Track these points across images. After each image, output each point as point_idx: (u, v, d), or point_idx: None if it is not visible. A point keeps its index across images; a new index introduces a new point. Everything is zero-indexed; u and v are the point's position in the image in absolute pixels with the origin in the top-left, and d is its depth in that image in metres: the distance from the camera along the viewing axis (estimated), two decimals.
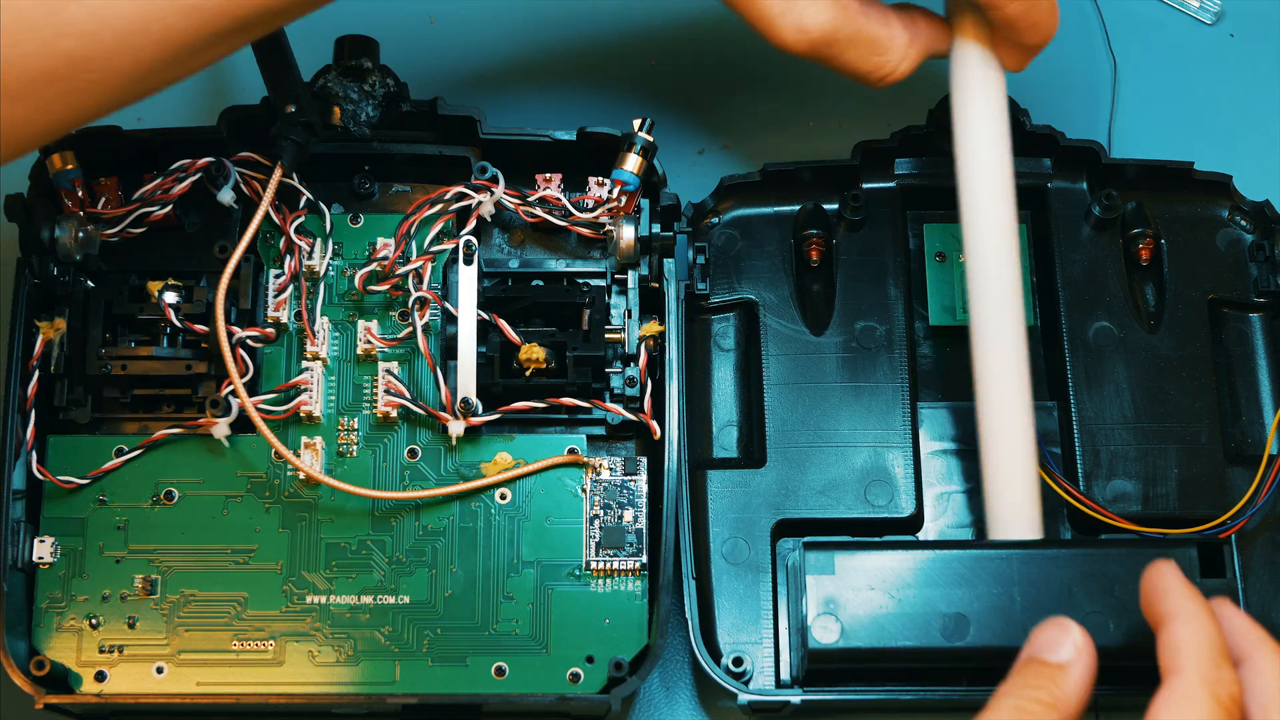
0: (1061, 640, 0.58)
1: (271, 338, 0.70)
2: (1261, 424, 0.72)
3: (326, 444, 0.69)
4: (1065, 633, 0.58)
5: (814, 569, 0.64)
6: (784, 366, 0.72)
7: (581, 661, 0.67)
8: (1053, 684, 0.57)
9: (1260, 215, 0.73)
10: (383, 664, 0.67)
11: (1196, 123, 0.81)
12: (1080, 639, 0.58)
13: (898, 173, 0.75)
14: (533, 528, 0.68)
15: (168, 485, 0.68)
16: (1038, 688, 0.57)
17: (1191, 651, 0.56)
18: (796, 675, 0.67)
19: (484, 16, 0.83)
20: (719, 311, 0.73)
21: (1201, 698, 0.55)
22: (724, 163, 0.79)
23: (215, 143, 0.71)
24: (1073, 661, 0.57)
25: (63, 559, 0.68)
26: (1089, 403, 0.71)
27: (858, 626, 0.63)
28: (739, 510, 0.70)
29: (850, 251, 0.73)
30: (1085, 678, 0.57)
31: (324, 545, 0.68)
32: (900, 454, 0.70)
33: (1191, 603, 0.58)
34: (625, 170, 0.70)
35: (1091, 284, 0.73)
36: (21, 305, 0.68)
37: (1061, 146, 0.74)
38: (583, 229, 0.72)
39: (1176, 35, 0.83)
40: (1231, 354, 0.73)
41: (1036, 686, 0.57)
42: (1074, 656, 0.57)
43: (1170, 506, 0.69)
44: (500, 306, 0.70)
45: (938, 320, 0.73)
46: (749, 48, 0.82)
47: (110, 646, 0.67)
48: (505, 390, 0.69)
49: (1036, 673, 0.58)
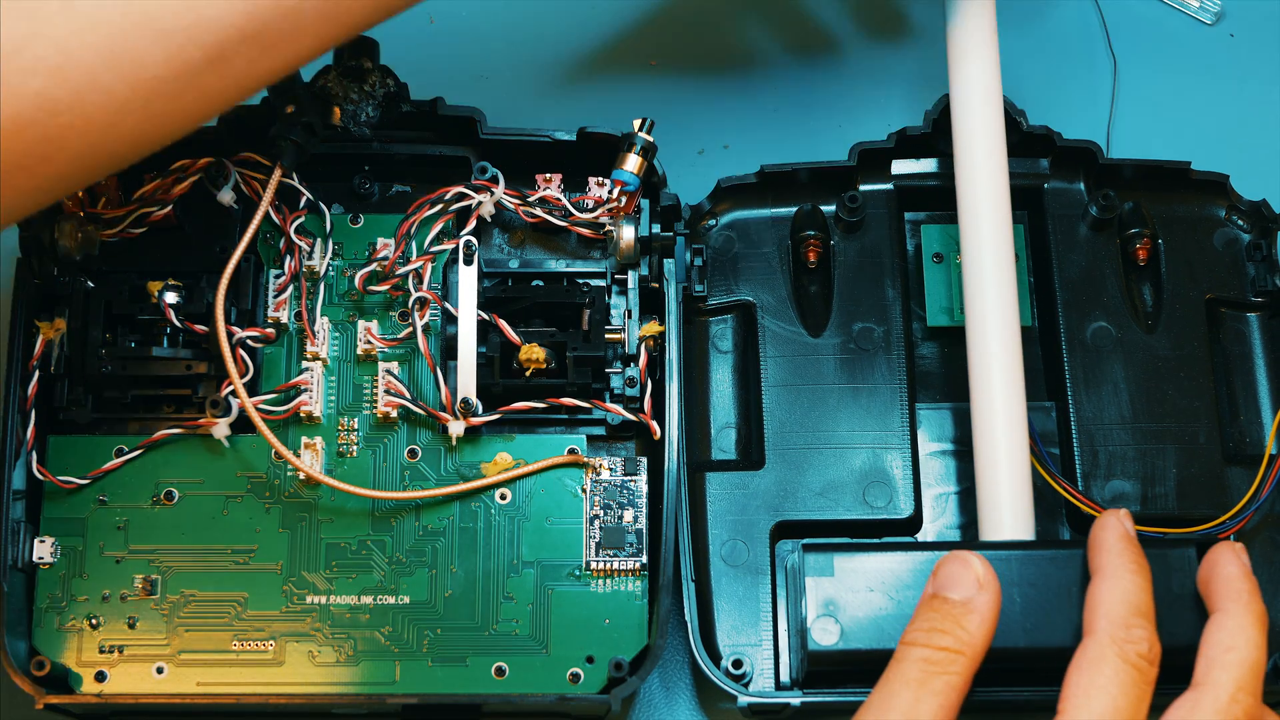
0: (963, 575, 0.58)
1: (271, 338, 0.70)
2: (1259, 424, 0.72)
3: (326, 444, 0.69)
4: (966, 567, 0.58)
5: (813, 570, 0.64)
6: (782, 368, 0.72)
7: (581, 662, 0.67)
8: (957, 625, 0.57)
9: (1257, 214, 0.74)
10: (383, 664, 0.67)
11: (1195, 123, 0.81)
12: (982, 571, 0.58)
13: (895, 174, 0.75)
14: (533, 528, 0.68)
15: (168, 485, 0.69)
16: (944, 632, 0.57)
17: (1106, 611, 0.56)
18: (796, 677, 0.67)
19: (484, 16, 0.82)
20: (717, 313, 0.73)
21: (1109, 657, 0.55)
22: (724, 163, 0.79)
23: (215, 143, 0.71)
24: (975, 597, 0.57)
25: (63, 559, 0.68)
26: (1087, 403, 0.71)
27: (857, 628, 0.63)
28: (738, 512, 0.70)
29: (848, 253, 0.73)
30: (991, 613, 0.57)
31: (324, 545, 0.68)
32: (899, 455, 0.70)
33: (1116, 559, 0.58)
34: (625, 170, 0.70)
35: (1089, 284, 0.73)
36: (21, 305, 0.68)
37: (1058, 146, 0.74)
38: (583, 229, 0.72)
39: (1176, 35, 0.83)
40: (1229, 353, 0.73)
41: (942, 631, 0.57)
42: (976, 592, 0.57)
43: (1169, 506, 0.70)
44: (500, 306, 0.70)
45: (935, 321, 0.73)
46: (749, 48, 0.82)
47: (110, 646, 0.67)
48: (505, 390, 0.69)
49: (940, 613, 0.57)
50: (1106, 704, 0.54)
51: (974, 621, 0.57)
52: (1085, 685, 0.55)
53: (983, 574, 0.58)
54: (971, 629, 0.57)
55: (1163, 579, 0.61)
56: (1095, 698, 0.55)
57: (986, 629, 0.57)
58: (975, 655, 0.57)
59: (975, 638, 0.57)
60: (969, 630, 0.57)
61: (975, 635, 0.57)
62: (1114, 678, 0.55)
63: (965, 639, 0.57)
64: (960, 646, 0.57)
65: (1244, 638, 0.57)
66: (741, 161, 0.77)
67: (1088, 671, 0.55)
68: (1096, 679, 0.55)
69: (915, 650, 0.57)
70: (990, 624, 0.58)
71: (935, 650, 0.56)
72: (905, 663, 0.56)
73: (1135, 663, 0.55)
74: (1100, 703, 0.54)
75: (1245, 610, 0.57)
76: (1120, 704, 0.55)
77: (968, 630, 0.57)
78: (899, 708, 0.55)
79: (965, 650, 0.57)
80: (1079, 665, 0.56)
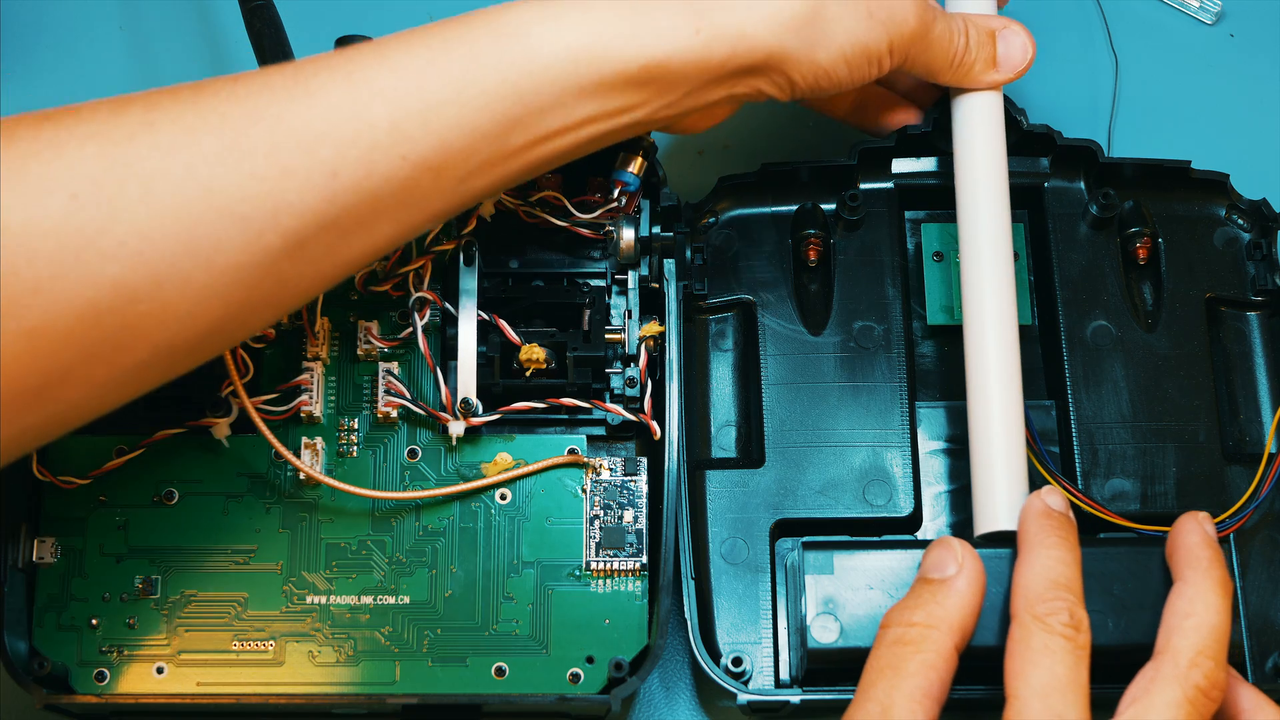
0: (944, 557, 0.58)
1: (271, 337, 0.70)
2: (1259, 422, 0.72)
3: (326, 444, 0.69)
4: (947, 549, 0.59)
5: (813, 569, 0.64)
6: (782, 366, 0.72)
7: (581, 662, 0.67)
8: (933, 601, 0.57)
9: (1258, 213, 0.74)
10: (383, 664, 0.67)
11: (1195, 122, 0.81)
12: (962, 553, 0.58)
13: (895, 172, 0.75)
14: (533, 528, 0.68)
15: (168, 485, 0.69)
16: (917, 608, 0.57)
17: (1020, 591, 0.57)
18: (796, 675, 0.67)
19: None
20: (717, 311, 0.73)
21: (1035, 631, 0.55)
22: (724, 163, 0.79)
23: None
24: (955, 576, 0.58)
25: (63, 559, 0.68)
26: (1087, 402, 0.71)
27: (857, 626, 0.63)
28: (738, 510, 0.70)
29: (848, 251, 0.73)
30: (971, 591, 0.58)
31: (324, 545, 0.68)
32: (899, 453, 0.70)
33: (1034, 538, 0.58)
34: (625, 171, 0.70)
35: (1089, 283, 0.73)
36: None
37: (1059, 145, 0.74)
38: (583, 229, 0.72)
39: (1176, 35, 0.83)
40: (1229, 352, 0.73)
41: (916, 608, 0.57)
42: (955, 571, 0.58)
43: (1169, 505, 0.69)
44: (500, 306, 0.70)
45: (935, 320, 0.73)
46: None
47: (110, 646, 0.67)
48: (505, 390, 0.69)
49: (918, 593, 0.58)
50: (1044, 676, 0.55)
51: (949, 597, 0.57)
52: (1019, 665, 0.55)
53: (961, 554, 0.58)
54: (947, 604, 0.57)
55: (1160, 576, 0.61)
56: (1032, 674, 0.55)
57: (963, 605, 0.57)
58: (951, 630, 0.57)
59: (950, 612, 0.57)
60: (944, 605, 0.57)
61: (950, 610, 0.57)
62: (1044, 650, 0.55)
63: (939, 614, 0.57)
64: (932, 621, 0.57)
65: (1202, 603, 0.57)
66: (742, 161, 0.77)
67: (1018, 652, 0.55)
68: (1027, 654, 0.55)
69: (889, 632, 0.57)
70: (968, 601, 0.58)
71: (907, 628, 0.57)
72: (880, 646, 0.57)
73: (1061, 632, 0.55)
74: (1038, 677, 0.55)
75: (1204, 576, 0.58)
76: (1058, 671, 0.55)
77: (942, 605, 0.57)
78: (876, 697, 0.55)
79: (938, 625, 0.56)
80: (1010, 650, 0.56)
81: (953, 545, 0.59)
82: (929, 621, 0.57)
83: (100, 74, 0.81)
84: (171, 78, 0.80)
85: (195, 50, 0.82)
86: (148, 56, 0.82)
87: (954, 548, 0.59)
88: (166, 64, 0.81)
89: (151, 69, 0.81)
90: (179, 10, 0.82)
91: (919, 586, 0.58)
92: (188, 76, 0.56)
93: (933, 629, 0.56)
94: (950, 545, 0.59)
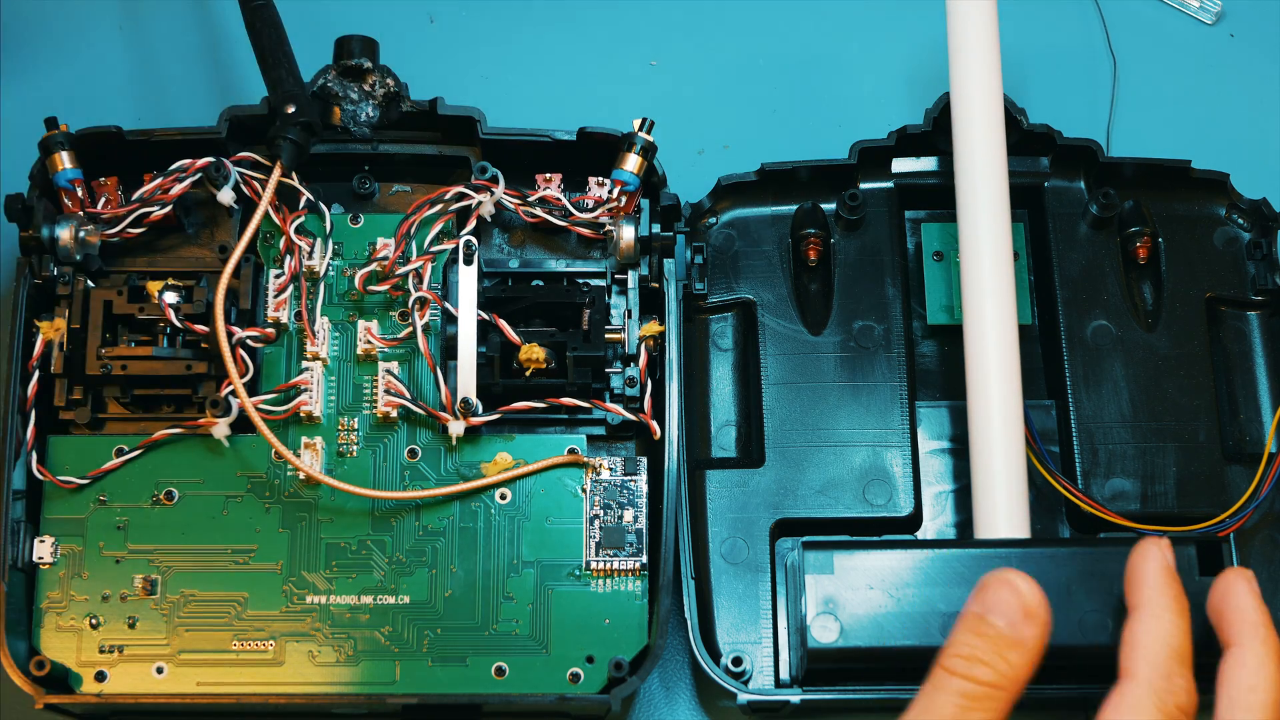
0: (1010, 602, 0.54)
1: (271, 338, 0.70)
2: (1259, 422, 0.72)
3: (326, 444, 0.69)
4: (1015, 593, 0.54)
5: (813, 568, 0.64)
6: (782, 366, 0.72)
7: (581, 661, 0.67)
8: (1000, 658, 0.53)
9: (1257, 213, 0.74)
10: (383, 664, 0.67)
11: (1195, 122, 0.81)
12: (1031, 599, 0.54)
13: (895, 172, 0.75)
14: (533, 528, 0.68)
15: (168, 485, 0.69)
16: (985, 665, 0.53)
17: (1148, 656, 0.54)
18: (796, 675, 0.67)
19: (484, 16, 0.83)
20: (717, 311, 0.73)
21: (1148, 706, 0.53)
22: (724, 163, 0.78)
23: (215, 143, 0.71)
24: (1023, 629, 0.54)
25: (63, 559, 0.68)
26: (1087, 401, 0.71)
27: (857, 626, 0.63)
28: (738, 510, 0.70)
29: (848, 251, 0.73)
30: (1037, 647, 0.54)
31: (324, 545, 0.68)
32: (899, 453, 0.70)
33: (1158, 596, 0.55)
34: (625, 170, 0.70)
35: (1089, 283, 0.73)
36: (21, 305, 0.69)
37: (1059, 145, 0.74)
38: (583, 229, 0.72)
39: (1176, 35, 0.83)
40: (1229, 352, 0.73)
41: (984, 663, 0.53)
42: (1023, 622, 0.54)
43: (1169, 505, 0.70)
44: (500, 306, 0.70)
45: (935, 319, 0.73)
46: (749, 48, 0.82)
47: (110, 646, 0.67)
48: (505, 390, 0.69)
49: (984, 639, 0.54)
50: None
51: (1018, 656, 0.54)
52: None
53: (1032, 602, 0.54)
54: (1016, 663, 0.53)
55: None
56: None
57: (1030, 664, 0.54)
58: (1016, 691, 0.53)
59: (1019, 673, 0.53)
60: (1012, 664, 0.53)
61: (1019, 670, 0.53)
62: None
63: (1008, 674, 0.53)
64: (1001, 682, 0.53)
65: (1263, 676, 0.55)
66: (741, 161, 0.77)
67: (1127, 708, 0.53)
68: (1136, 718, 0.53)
69: (954, 681, 0.53)
70: (1035, 659, 0.54)
71: (974, 684, 0.53)
72: (942, 693, 0.53)
73: (1171, 714, 0.53)
74: None
75: (1263, 645, 0.55)
76: None
77: (1011, 665, 0.53)
78: None
79: (1006, 687, 0.53)
80: (1117, 708, 0.53)
81: (1020, 589, 0.54)
82: (998, 682, 0.53)
83: (100, 74, 0.81)
84: (171, 77, 0.81)
85: (195, 50, 0.82)
86: (148, 56, 0.82)
87: (1022, 593, 0.54)
88: (167, 64, 0.81)
89: (151, 69, 0.81)
90: (179, 10, 0.82)
91: (983, 628, 0.54)
92: (188, 76, 0.56)
93: (1000, 690, 0.53)
94: (1017, 589, 0.54)
